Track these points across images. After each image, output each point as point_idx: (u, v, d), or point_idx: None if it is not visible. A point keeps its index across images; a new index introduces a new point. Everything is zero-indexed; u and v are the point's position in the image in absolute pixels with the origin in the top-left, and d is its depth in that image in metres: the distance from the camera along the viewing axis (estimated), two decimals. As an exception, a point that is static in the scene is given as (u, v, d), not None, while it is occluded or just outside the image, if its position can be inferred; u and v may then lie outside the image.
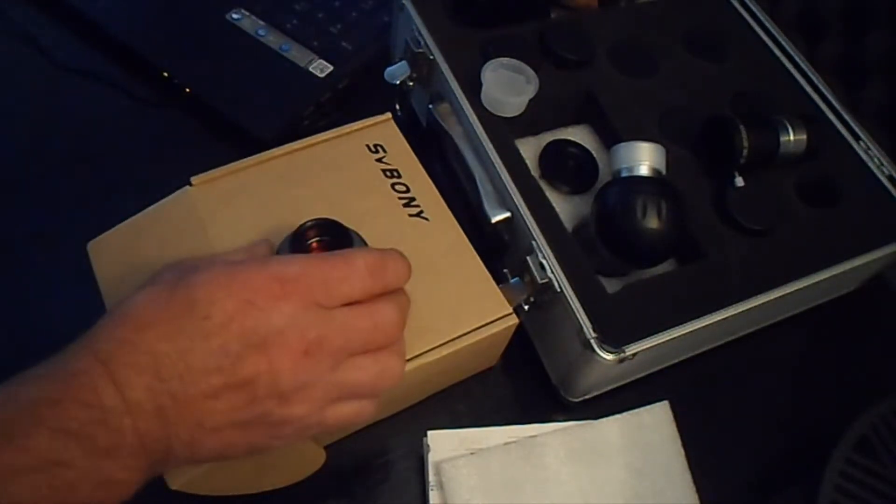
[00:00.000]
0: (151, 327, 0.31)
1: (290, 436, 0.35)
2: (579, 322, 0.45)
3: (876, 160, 0.58)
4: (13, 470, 0.27)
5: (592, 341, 0.45)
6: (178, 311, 0.31)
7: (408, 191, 0.49)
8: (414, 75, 0.58)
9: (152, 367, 0.30)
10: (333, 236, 0.42)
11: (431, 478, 0.47)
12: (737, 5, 0.66)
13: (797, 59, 0.63)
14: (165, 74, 0.62)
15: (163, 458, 0.31)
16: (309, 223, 0.41)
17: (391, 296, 0.36)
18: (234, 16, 0.65)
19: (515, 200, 0.50)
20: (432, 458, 0.48)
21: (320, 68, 0.64)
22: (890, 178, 0.57)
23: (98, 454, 0.29)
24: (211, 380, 0.31)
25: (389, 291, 0.36)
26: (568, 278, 0.47)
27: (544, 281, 0.47)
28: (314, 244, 0.42)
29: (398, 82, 0.58)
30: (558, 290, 0.47)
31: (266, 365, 0.32)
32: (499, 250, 0.52)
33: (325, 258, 0.35)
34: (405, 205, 0.48)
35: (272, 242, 0.42)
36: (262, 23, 0.65)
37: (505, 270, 0.50)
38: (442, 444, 0.48)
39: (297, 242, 0.41)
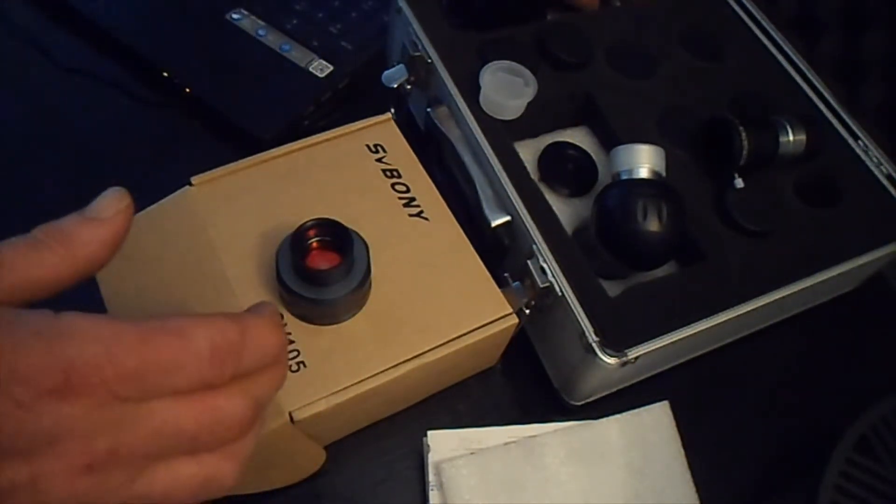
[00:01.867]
0: None
1: None
2: (581, 326, 0.45)
3: (875, 159, 0.58)
4: None
5: (594, 345, 0.45)
6: None
7: (408, 191, 0.49)
8: (411, 79, 0.58)
9: None
10: (333, 236, 0.42)
11: (431, 478, 0.47)
12: (734, 5, 0.66)
13: (795, 58, 0.63)
14: (165, 74, 0.62)
15: None
16: (309, 223, 0.41)
17: (247, 382, 0.27)
18: (234, 16, 0.65)
19: (515, 204, 0.49)
20: (432, 458, 0.48)
21: (320, 68, 0.64)
22: (889, 177, 0.57)
23: None
24: None
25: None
26: (569, 282, 0.47)
27: (545, 285, 0.47)
28: (314, 244, 0.42)
29: (395, 86, 0.58)
30: (559, 293, 0.46)
31: (27, 477, 0.23)
32: (499, 254, 0.52)
33: (149, 332, 0.24)
34: (405, 205, 0.48)
35: None
36: (262, 23, 0.65)
37: (506, 275, 0.50)
38: (442, 444, 0.48)
39: (297, 242, 0.41)
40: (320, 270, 0.40)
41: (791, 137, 0.54)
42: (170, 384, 0.25)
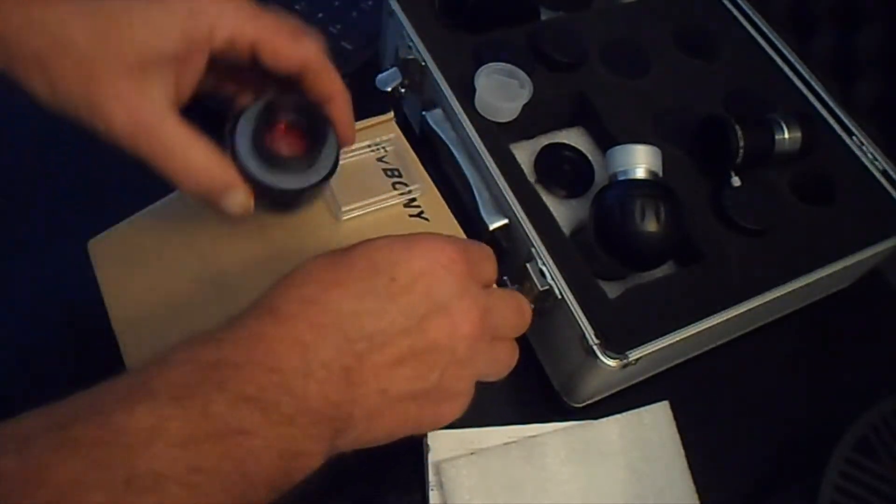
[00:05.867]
0: (337, 287, 0.30)
1: (443, 418, 0.34)
2: (581, 329, 0.45)
3: (870, 155, 0.58)
4: (194, 437, 0.25)
5: (595, 348, 0.45)
6: (361, 273, 0.31)
7: (409, 191, 0.49)
8: (406, 82, 0.57)
9: (340, 327, 0.29)
10: (308, 119, 0.39)
11: (431, 478, 0.47)
12: (727, 3, 0.66)
13: (789, 55, 0.63)
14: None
15: (343, 428, 0.30)
16: (282, 97, 0.38)
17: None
18: (234, 17, 0.65)
19: (513, 206, 0.49)
20: (432, 458, 0.47)
21: (320, 69, 0.64)
22: (884, 172, 0.57)
23: (282, 422, 0.27)
24: (399, 342, 0.30)
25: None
26: (568, 285, 0.47)
27: (545, 288, 0.47)
28: (282, 124, 0.38)
29: (390, 89, 0.57)
30: (559, 296, 0.46)
31: (449, 329, 0.31)
32: (497, 258, 0.51)
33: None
34: (405, 205, 0.48)
35: None
36: (261, 24, 0.65)
37: (504, 278, 0.50)
38: (442, 444, 0.48)
39: (265, 116, 0.37)
40: (281, 155, 0.37)
41: (786, 135, 0.54)
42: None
